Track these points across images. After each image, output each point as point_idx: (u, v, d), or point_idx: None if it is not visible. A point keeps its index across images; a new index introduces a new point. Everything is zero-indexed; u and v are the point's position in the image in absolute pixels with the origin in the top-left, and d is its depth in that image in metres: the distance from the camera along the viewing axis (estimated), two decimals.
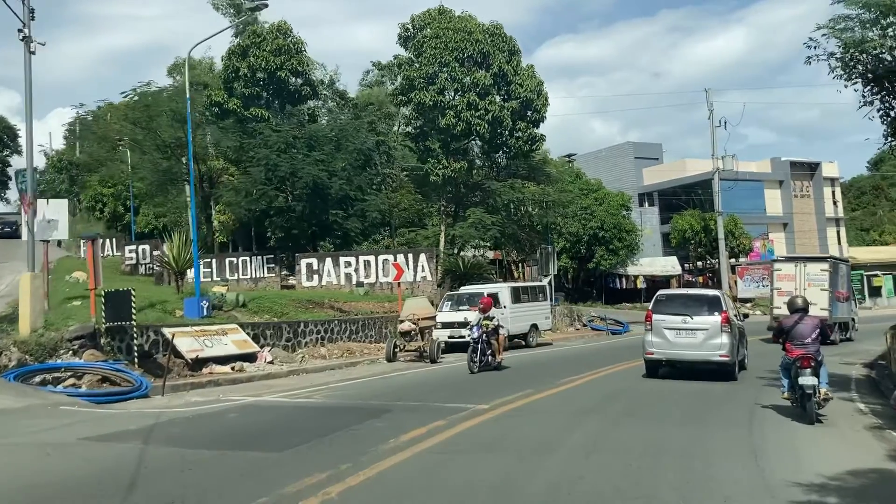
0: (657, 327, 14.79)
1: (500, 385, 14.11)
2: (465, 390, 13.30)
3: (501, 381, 15.02)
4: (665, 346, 14.70)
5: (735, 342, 14.57)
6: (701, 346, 14.39)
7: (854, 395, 12.95)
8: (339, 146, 31.73)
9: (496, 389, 13.19)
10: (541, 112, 33.22)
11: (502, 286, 24.69)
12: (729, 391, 13.89)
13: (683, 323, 14.48)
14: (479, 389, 13.42)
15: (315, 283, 30.29)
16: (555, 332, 31.30)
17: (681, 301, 15.36)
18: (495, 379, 15.35)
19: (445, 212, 34.79)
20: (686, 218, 51.51)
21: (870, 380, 15.73)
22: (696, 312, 14.58)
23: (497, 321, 17.41)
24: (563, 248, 48.13)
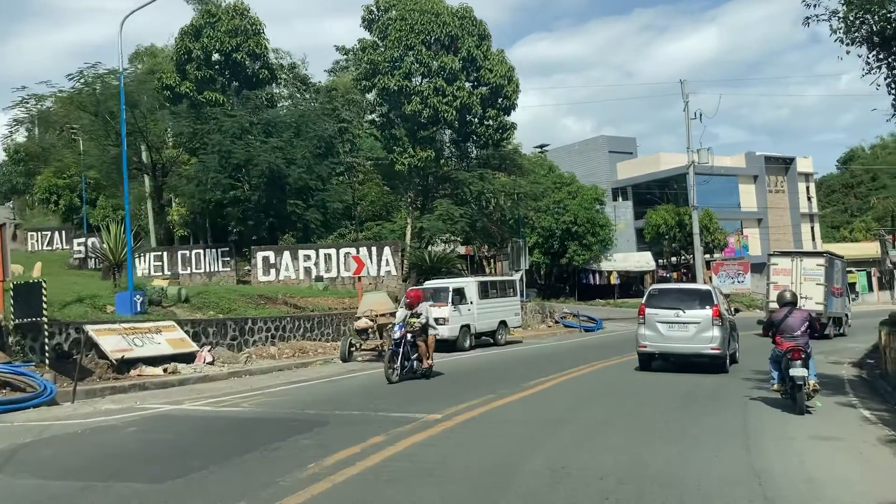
0: (650, 321, 14.90)
1: (461, 389, 12.56)
2: (419, 395, 11.72)
3: (463, 383, 13.47)
4: (658, 339, 14.84)
5: (726, 335, 14.69)
6: (693, 340, 14.54)
7: (853, 400, 11.59)
8: (299, 133, 29.94)
9: (455, 394, 11.64)
10: (511, 99, 31.75)
11: (469, 280, 23.14)
12: (717, 388, 12.58)
13: (676, 316, 14.62)
14: (435, 394, 11.86)
15: (272, 278, 28.52)
16: (526, 329, 29.88)
17: (673, 295, 15.51)
18: (453, 382, 13.79)
19: (412, 204, 33.17)
20: (660, 212, 50.43)
21: (863, 381, 14.45)
22: (688, 306, 14.68)
23: (426, 318, 14.04)
24: (536, 243, 46.79)
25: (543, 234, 46.55)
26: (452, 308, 20.96)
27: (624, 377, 14.64)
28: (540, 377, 13.98)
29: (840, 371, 16.00)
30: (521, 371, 15.64)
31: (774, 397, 10.70)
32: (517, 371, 15.74)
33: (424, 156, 30.36)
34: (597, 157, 61.79)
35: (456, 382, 13.66)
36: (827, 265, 25.06)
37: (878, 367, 16.68)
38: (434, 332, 14.63)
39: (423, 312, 14.05)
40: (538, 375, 14.27)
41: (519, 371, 15.69)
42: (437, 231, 30.10)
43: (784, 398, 10.33)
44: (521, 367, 16.95)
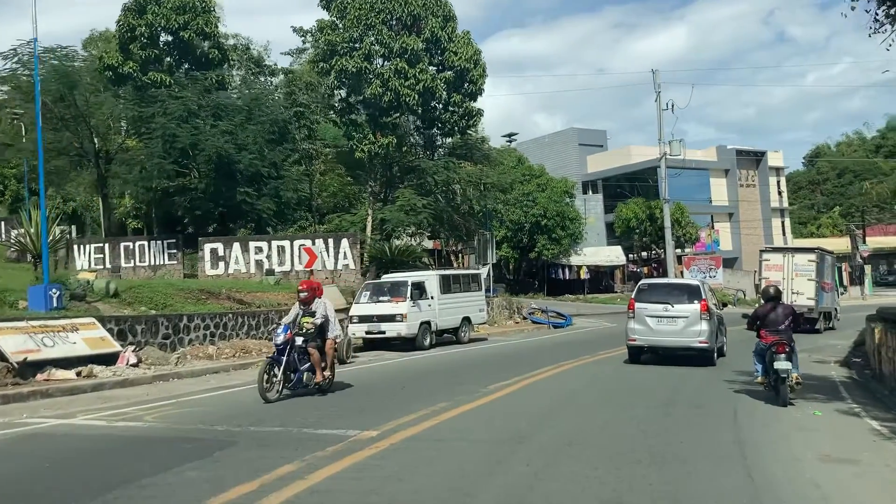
0: (639, 315, 15.04)
1: (411, 395, 10.97)
2: (358, 405, 10.10)
3: (415, 389, 11.88)
4: (647, 332, 15.01)
5: (714, 329, 14.87)
6: (681, 333, 14.73)
7: (854, 406, 10.22)
8: (251, 117, 28.02)
9: (404, 403, 10.05)
10: (478, 84, 30.17)
11: (429, 274, 21.53)
12: (701, 389, 11.22)
13: (665, 311, 14.82)
14: (381, 403, 10.25)
15: (221, 272, 26.64)
16: (492, 325, 28.39)
17: (662, 290, 15.85)
18: (406, 387, 12.18)
19: (374, 194, 31.45)
20: (631, 206, 49.29)
21: (856, 383, 13.14)
22: (676, 301, 14.89)
23: (325, 317, 11.21)
24: (505, 237, 45.38)
25: (512, 228, 45.13)
26: (411, 303, 19.36)
27: (597, 379, 13.20)
28: (502, 380, 12.45)
29: (829, 371, 14.71)
30: (482, 373, 14.11)
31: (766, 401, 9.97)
32: (478, 373, 14.20)
33: (385, 142, 28.65)
34: (567, 150, 60.54)
35: (408, 387, 12.06)
36: (818, 261, 25.07)
37: (867, 366, 15.48)
38: (334, 336, 11.48)
39: (321, 310, 11.25)
40: (501, 378, 12.74)
41: (480, 373, 14.15)
42: (398, 222, 28.41)
43: (767, 390, 10.53)
44: (483, 368, 15.42)
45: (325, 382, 11.23)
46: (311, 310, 11.30)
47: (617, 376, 13.77)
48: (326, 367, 11.25)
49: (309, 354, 10.98)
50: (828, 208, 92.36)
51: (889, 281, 61.07)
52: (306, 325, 11.08)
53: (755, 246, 58.46)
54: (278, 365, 10.65)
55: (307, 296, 11.36)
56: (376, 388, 12.09)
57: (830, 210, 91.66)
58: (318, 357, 11.02)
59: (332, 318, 11.41)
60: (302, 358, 10.97)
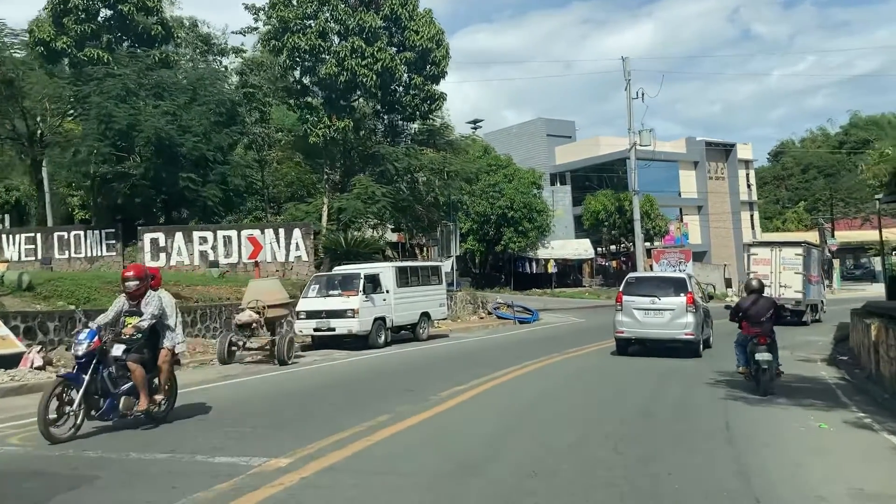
0: (627, 308, 15.25)
1: (348, 405, 9.33)
2: (278, 420, 8.43)
3: (353, 396, 10.23)
4: (634, 325, 15.19)
5: (700, 322, 15.13)
6: (668, 326, 14.95)
7: (860, 415, 8.83)
8: (196, 97, 26.02)
9: (334, 417, 8.42)
10: (440, 66, 28.54)
11: (384, 266, 19.86)
12: (687, 393, 9.72)
13: (652, 303, 15.00)
14: (302, 419, 8.60)
15: (162, 263, 24.58)
16: (455, 321, 26.87)
17: (649, 283, 16.10)
18: (343, 395, 10.53)
19: (331, 182, 29.66)
20: (600, 198, 48.12)
21: (852, 385, 11.81)
22: (663, 294, 15.09)
23: (155, 315, 7.96)
24: (470, 230, 43.93)
25: (478, 220, 43.68)
26: (364, 298, 17.67)
27: (564, 382, 11.70)
28: (458, 384, 10.89)
29: (818, 371, 13.40)
30: (437, 375, 12.54)
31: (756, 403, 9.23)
32: (432, 375, 12.63)
33: (341, 126, 26.89)
34: (534, 141, 59.19)
35: (348, 394, 10.40)
36: (805, 254, 25.35)
37: (857, 365, 14.24)
38: (173, 345, 8.19)
39: (151, 308, 7.96)
40: (457, 381, 11.18)
41: (434, 375, 12.58)
42: (355, 212, 26.66)
43: (748, 381, 10.70)
44: (439, 369, 13.85)
45: (157, 410, 8.05)
46: (134, 309, 8.06)
47: (588, 378, 12.30)
48: (160, 387, 8.10)
49: (127, 372, 7.74)
50: (793, 203, 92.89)
51: (856, 275, 60.90)
52: (127, 331, 7.84)
53: (724, 239, 57.91)
54: (76, 385, 7.36)
55: (136, 287, 8.05)
56: (309, 395, 10.42)
57: (796, 205, 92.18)
58: (142, 374, 7.73)
59: (171, 316, 8.24)
60: (121, 375, 7.75)
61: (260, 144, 30.86)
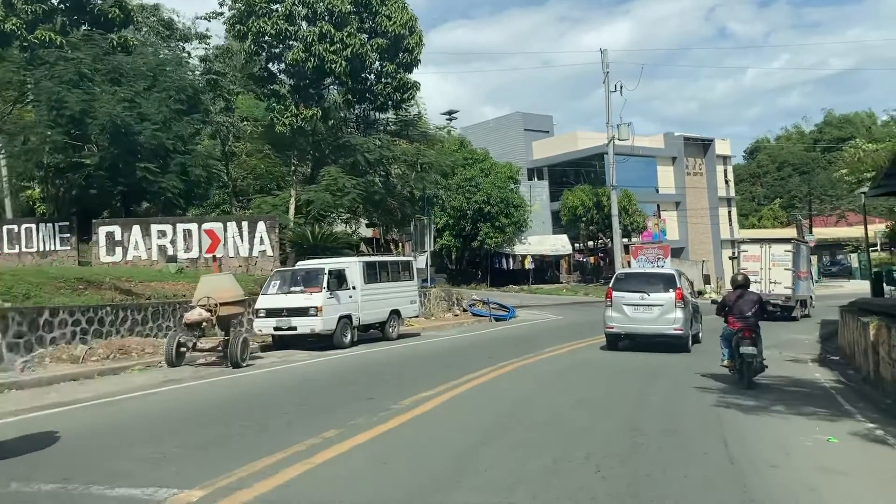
0: (617, 303, 15.33)
1: (293, 418, 8.25)
2: (208, 437, 7.32)
3: (305, 407, 9.14)
4: (624, 320, 15.28)
5: (689, 317, 15.25)
6: (657, 321, 15.05)
7: (871, 426, 7.90)
8: (156, 83, 24.66)
9: (275, 432, 7.34)
10: (413, 54, 27.39)
11: (351, 260, 18.71)
12: (676, 404, 8.67)
13: (641, 299, 15.10)
14: (238, 435, 7.50)
15: (118, 258, 23.30)
16: (429, 318, 25.88)
17: (639, 279, 16.13)
18: (294, 403, 9.43)
19: (298, 173, 28.43)
20: (577, 193, 47.30)
21: (850, 389, 10.94)
22: (652, 289, 15.18)
23: None
24: (446, 225, 42.95)
25: (454, 215, 42.70)
26: (328, 294, 16.56)
27: (539, 388, 10.70)
28: (424, 390, 9.85)
29: (811, 373, 12.55)
30: (402, 379, 11.51)
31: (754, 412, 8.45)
32: (397, 380, 11.58)
33: (309, 115, 25.66)
34: (512, 136, 58.28)
35: (300, 403, 9.31)
36: (794, 251, 25.72)
37: (850, 366, 13.45)
38: None
39: None
40: (422, 387, 10.15)
41: (399, 380, 11.54)
42: (324, 204, 25.46)
43: (732, 374, 10.94)
44: (405, 372, 12.81)
45: None
46: None
47: (567, 381, 11.31)
48: None
49: None
50: (769, 200, 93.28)
51: (833, 272, 60.82)
52: None
53: (702, 236, 57.47)
54: None
55: None
56: (254, 404, 9.31)
57: (771, 202, 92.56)
58: None
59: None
60: None
61: (225, 134, 29.51)
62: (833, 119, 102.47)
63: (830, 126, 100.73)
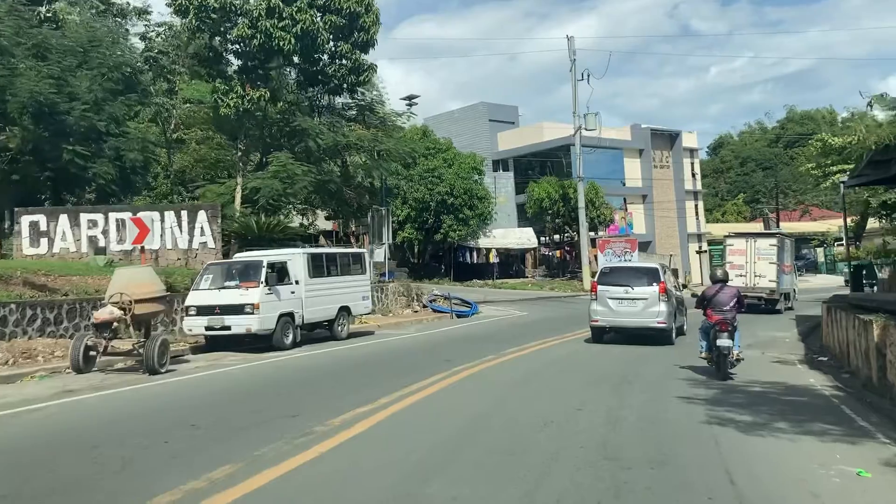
0: (602, 297, 15.45)
1: (194, 445, 6.59)
2: (67, 475, 5.63)
3: (205, 430, 7.46)
4: (609, 314, 15.36)
5: (672, 310, 15.43)
6: (641, 314, 15.15)
7: (886, 442, 6.51)
8: (88, 60, 22.60)
9: (161, 464, 5.68)
10: (370, 33, 25.66)
11: (294, 252, 16.93)
12: (660, 412, 7.17)
13: (625, 293, 15.22)
14: (113, 469, 5.81)
15: (43, 250, 21.19)
16: (386, 314, 24.24)
17: (623, 273, 16.28)
18: (202, 418, 7.75)
19: (245, 159, 26.51)
20: (543, 185, 45.90)
21: (853, 397, 9.59)
22: (636, 283, 15.26)
23: None
24: (408, 217, 41.20)
25: (416, 207, 40.94)
26: (266, 290, 14.82)
27: (500, 398, 9.15)
28: (363, 403, 8.26)
29: (805, 378, 11.19)
30: (339, 389, 9.87)
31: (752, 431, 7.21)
32: (333, 390, 9.94)
33: (256, 96, 23.79)
34: (477, 126, 56.69)
35: (206, 424, 7.61)
36: (779, 245, 25.93)
37: (841, 367, 12.18)
38: None
39: None
40: (363, 399, 8.56)
41: (336, 390, 9.89)
42: (272, 192, 23.62)
43: (710, 365, 11.14)
44: (347, 379, 11.17)
45: None
46: None
47: (532, 390, 9.79)
48: None
49: None
50: (732, 195, 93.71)
51: (798, 266, 60.41)
52: None
53: (669, 229, 56.62)
54: None
55: None
56: (149, 426, 7.57)
57: (735, 197, 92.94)
58: None
59: None
60: None
61: (166, 117, 27.47)
62: (795, 115, 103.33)
63: (792, 122, 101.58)
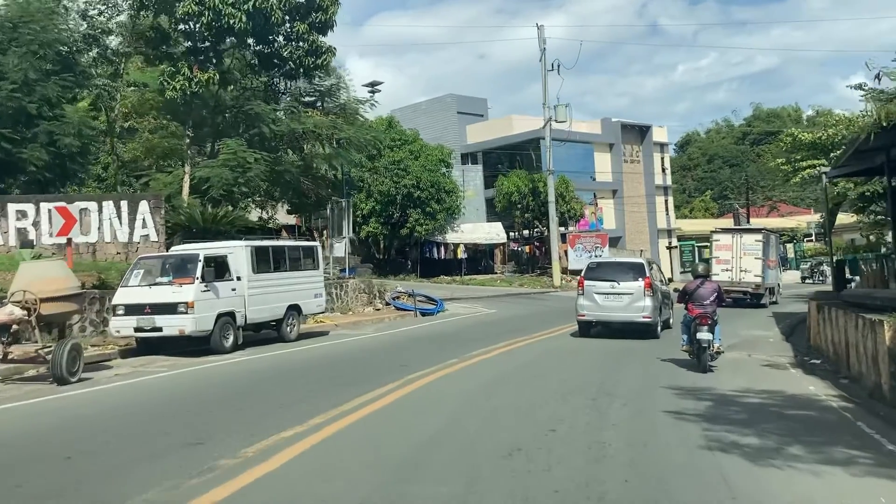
0: (588, 292, 15.66)
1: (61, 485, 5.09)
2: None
3: (101, 450, 5.96)
4: (595, 308, 15.56)
5: (657, 305, 15.60)
6: (626, 309, 15.35)
7: None
8: (17, 37, 20.68)
9: None
10: (329, 13, 24.02)
11: (234, 245, 15.27)
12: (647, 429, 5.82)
13: (611, 288, 15.43)
14: None
15: None
16: (345, 313, 22.77)
17: (609, 268, 16.43)
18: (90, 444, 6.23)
19: (197, 147, 24.76)
20: (513, 178, 44.62)
21: (866, 410, 8.37)
22: (622, 278, 15.49)
23: None
24: (373, 211, 39.68)
25: (381, 200, 39.40)
26: (202, 287, 13.26)
27: (455, 423, 7.70)
28: (289, 424, 6.82)
29: (804, 386, 9.94)
30: (266, 405, 8.37)
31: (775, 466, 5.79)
32: (260, 405, 8.44)
33: (205, 78, 22.08)
34: (445, 119, 55.27)
35: (91, 452, 6.10)
36: (764, 240, 26.25)
37: (837, 371, 11.03)
38: None
39: None
40: (288, 418, 7.12)
41: (263, 405, 8.40)
42: (223, 182, 21.91)
43: (691, 358, 11.43)
44: (279, 391, 9.68)
45: None
46: None
47: (496, 406, 8.40)
48: None
49: None
50: (700, 192, 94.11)
51: None
52: None
53: (639, 225, 55.81)
54: None
55: None
56: (22, 459, 6.05)
57: (703, 194, 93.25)
58: None
59: None
60: None
61: (109, 101, 25.56)
62: (761, 113, 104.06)
63: (759, 120, 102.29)
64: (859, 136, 13.30)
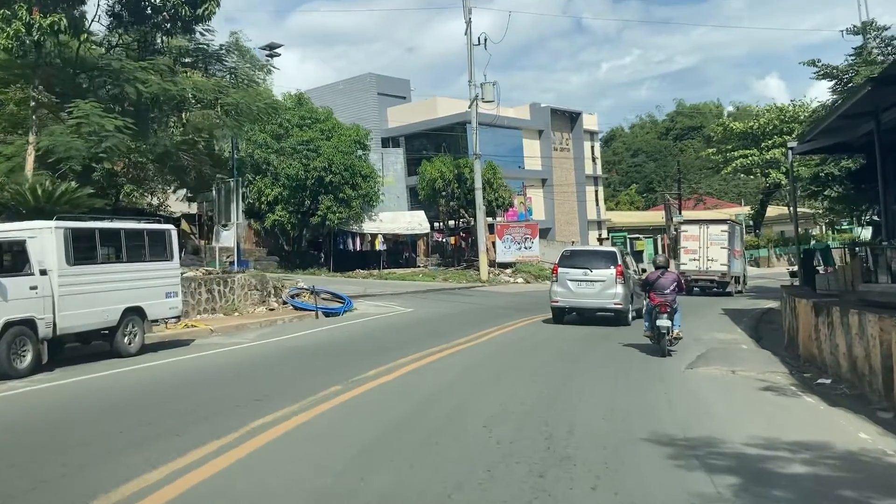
0: (562, 279, 16.30)
1: None
2: None
3: None
4: (568, 295, 16.20)
5: (629, 293, 16.25)
6: (598, 296, 16.02)
7: None
8: None
9: None
10: None
11: (40, 226, 11.09)
12: None
13: (584, 275, 16.07)
14: None
15: None
16: (230, 315, 18.90)
17: (583, 256, 17.11)
18: None
19: (44, 112, 20.18)
20: (437, 164, 41.03)
21: None
22: (595, 266, 16.14)
23: None
24: (280, 197, 35.57)
25: (289, 185, 35.30)
26: None
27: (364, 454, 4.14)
28: None
29: (845, 428, 6.68)
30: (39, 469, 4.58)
31: None
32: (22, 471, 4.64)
33: (47, 24, 17.60)
34: (364, 100, 51.39)
35: None
36: (729, 231, 26.90)
37: (870, 401, 7.95)
38: None
39: None
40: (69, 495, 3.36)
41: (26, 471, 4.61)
42: (74, 153, 17.56)
43: (653, 343, 12.02)
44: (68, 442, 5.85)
45: None
46: None
47: (393, 477, 4.85)
48: None
49: None
50: (625, 186, 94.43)
51: None
52: None
53: (569, 216, 53.31)
54: None
55: None
56: None
57: (628, 188, 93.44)
58: None
59: None
60: None
61: None
62: (684, 108, 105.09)
63: (682, 115, 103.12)
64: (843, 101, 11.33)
